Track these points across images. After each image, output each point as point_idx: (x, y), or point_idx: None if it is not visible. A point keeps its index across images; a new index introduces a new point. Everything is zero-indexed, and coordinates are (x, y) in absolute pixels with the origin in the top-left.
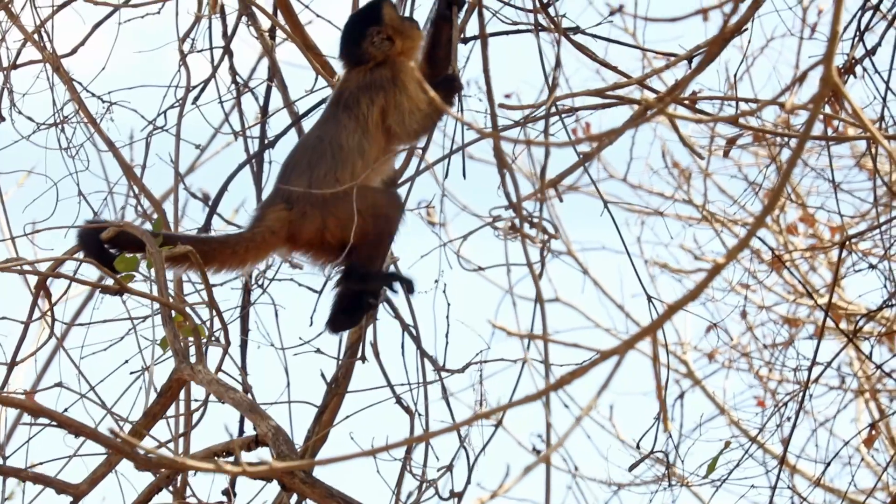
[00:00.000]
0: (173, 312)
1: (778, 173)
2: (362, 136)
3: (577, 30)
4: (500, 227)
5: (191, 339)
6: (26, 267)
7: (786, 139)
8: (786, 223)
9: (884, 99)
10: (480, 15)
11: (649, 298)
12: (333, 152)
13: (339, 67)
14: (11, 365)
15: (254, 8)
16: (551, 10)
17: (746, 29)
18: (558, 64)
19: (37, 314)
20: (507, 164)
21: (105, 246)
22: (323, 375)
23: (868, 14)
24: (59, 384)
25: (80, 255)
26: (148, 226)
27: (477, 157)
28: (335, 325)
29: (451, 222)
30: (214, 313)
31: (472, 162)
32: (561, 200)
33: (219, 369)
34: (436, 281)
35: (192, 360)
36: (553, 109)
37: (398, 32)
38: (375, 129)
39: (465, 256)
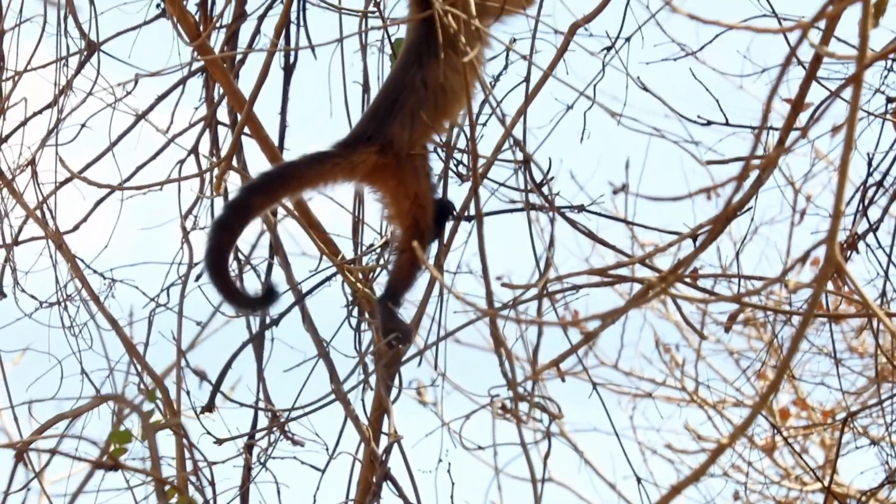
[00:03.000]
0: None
1: (779, 351)
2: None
3: (580, 208)
4: (499, 408)
5: None
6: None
7: (788, 317)
8: (778, 406)
9: (885, 274)
10: (476, 194)
11: (639, 480)
12: (437, 101)
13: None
14: None
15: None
16: (545, 189)
17: (751, 208)
18: (552, 244)
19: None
20: (504, 344)
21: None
22: None
23: (871, 189)
24: None
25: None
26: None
27: (465, 342)
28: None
29: (445, 399)
30: (213, 492)
31: (465, 333)
32: (563, 381)
33: None
34: (439, 460)
35: None
36: (551, 288)
37: None
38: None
39: (464, 435)
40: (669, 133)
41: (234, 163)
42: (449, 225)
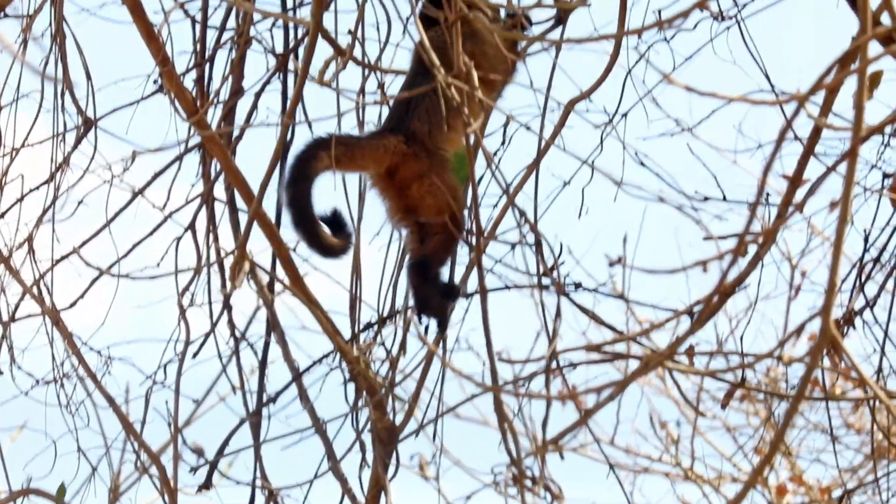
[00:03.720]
0: None
1: (775, 426)
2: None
3: (578, 286)
4: (505, 485)
5: None
6: None
7: (784, 392)
8: (776, 482)
9: (882, 350)
10: (480, 268)
11: None
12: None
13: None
14: None
15: (254, 261)
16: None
17: (748, 284)
18: (559, 314)
19: None
20: (507, 419)
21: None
22: None
23: (868, 265)
24: None
25: None
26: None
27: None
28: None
29: (446, 474)
30: None
31: (465, 407)
32: (562, 458)
33: None
34: None
35: None
36: (552, 364)
37: None
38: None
39: None
40: (668, 203)
41: (227, 236)
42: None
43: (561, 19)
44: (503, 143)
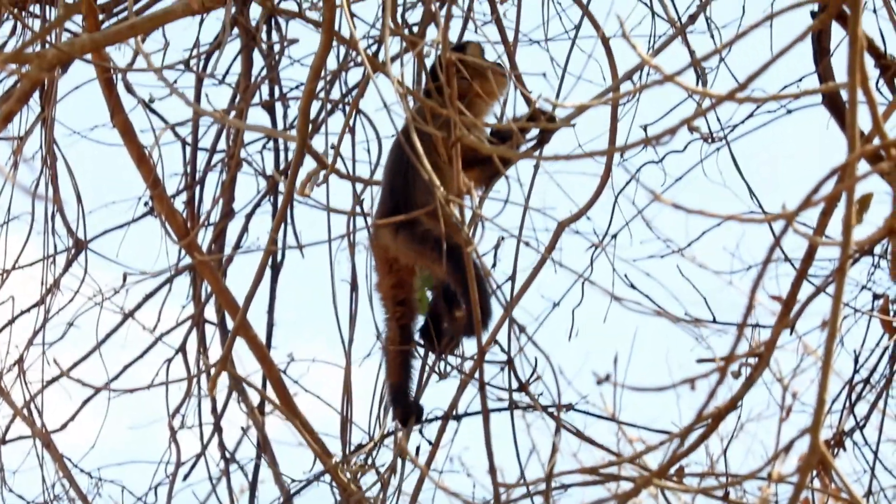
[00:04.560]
0: None
1: None
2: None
3: (569, 407)
4: None
5: None
6: None
7: None
8: None
9: (872, 471)
10: (482, 391)
11: None
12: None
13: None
14: None
15: (244, 384)
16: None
17: (740, 406)
18: (555, 450)
19: None
20: None
21: None
22: None
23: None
24: None
25: None
26: None
27: None
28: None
29: None
30: None
31: None
32: None
33: None
34: None
35: None
36: (542, 486)
37: (475, 71)
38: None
39: None
40: (664, 318)
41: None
42: (437, 424)
43: (544, 139)
44: (493, 266)
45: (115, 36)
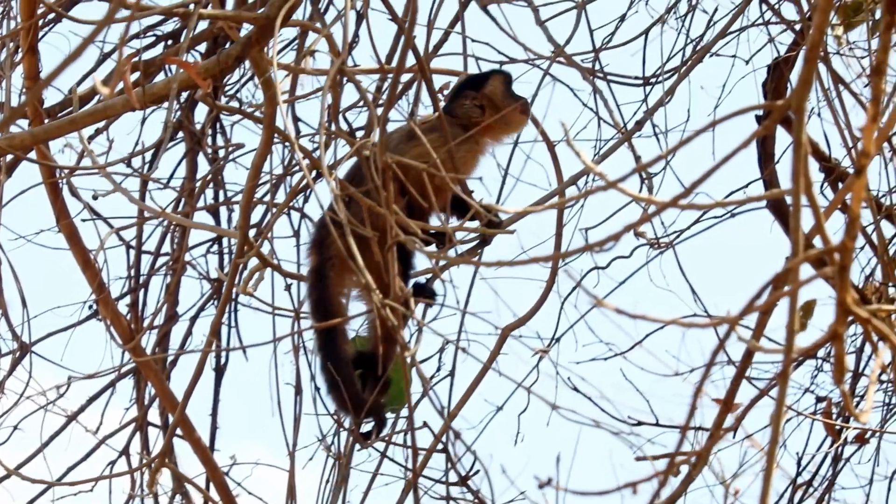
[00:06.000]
0: None
1: None
2: None
3: None
4: None
5: None
6: None
7: None
8: None
9: None
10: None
11: None
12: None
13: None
14: None
15: (188, 485)
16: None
17: None
18: None
19: None
20: None
21: None
22: None
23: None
24: None
25: None
26: None
27: None
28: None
29: None
30: None
31: None
32: None
33: None
34: None
35: None
36: None
37: (492, 105)
38: None
39: None
40: (603, 428)
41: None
42: None
43: (485, 240)
44: (437, 370)
45: (57, 130)
